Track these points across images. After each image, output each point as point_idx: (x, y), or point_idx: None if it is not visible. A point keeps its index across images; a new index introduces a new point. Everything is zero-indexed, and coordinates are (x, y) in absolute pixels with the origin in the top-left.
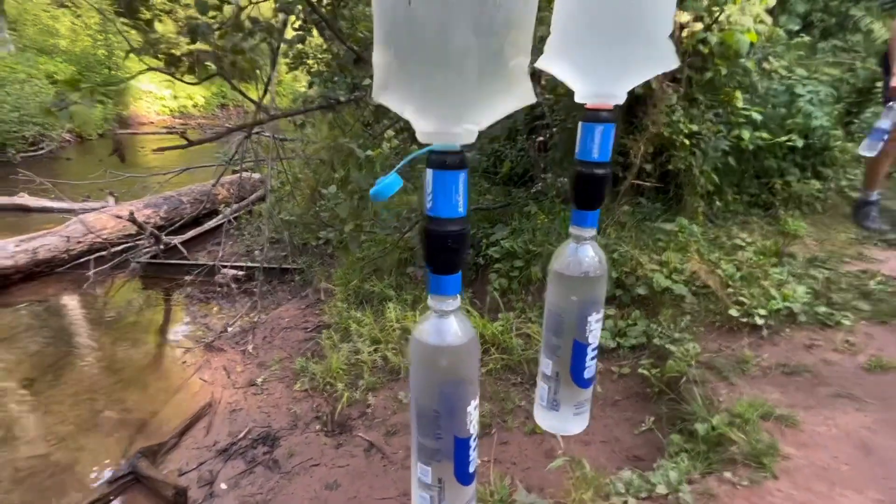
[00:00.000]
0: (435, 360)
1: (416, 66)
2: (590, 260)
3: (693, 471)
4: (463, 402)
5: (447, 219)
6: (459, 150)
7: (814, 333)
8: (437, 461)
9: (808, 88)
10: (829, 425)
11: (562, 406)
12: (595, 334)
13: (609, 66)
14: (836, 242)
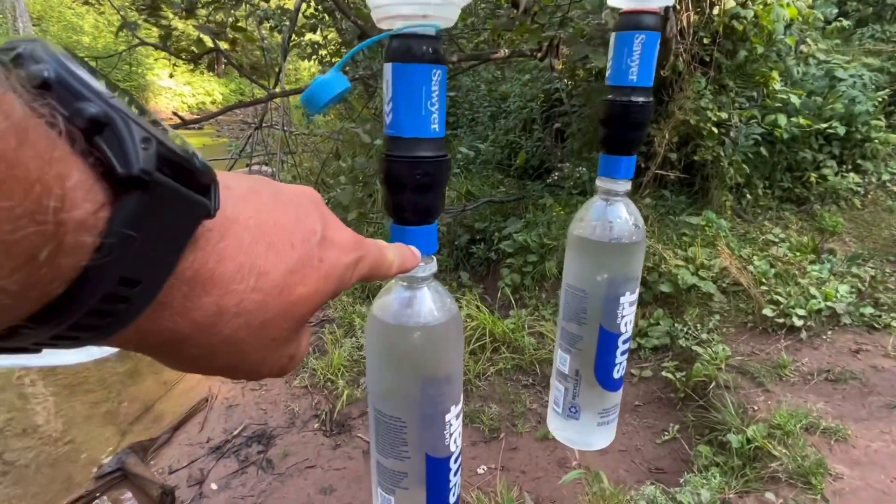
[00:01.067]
0: (401, 347)
1: None
2: (622, 222)
3: (727, 489)
4: (440, 406)
5: (416, 139)
6: (433, 34)
7: (860, 337)
8: (403, 488)
9: (850, 72)
10: (886, 440)
11: (583, 413)
12: (628, 321)
13: None
14: (879, 240)
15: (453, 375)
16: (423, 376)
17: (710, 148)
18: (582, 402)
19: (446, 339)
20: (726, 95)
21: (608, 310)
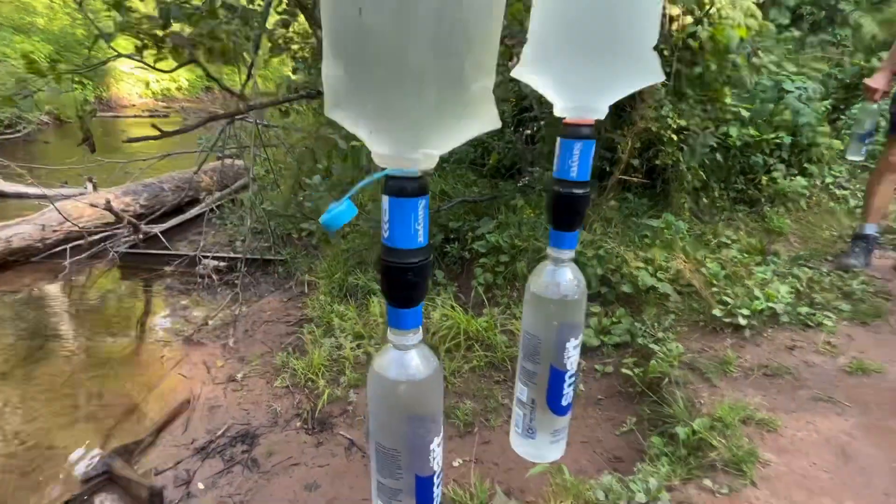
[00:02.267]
0: (395, 396)
1: (368, 85)
2: (568, 283)
3: (673, 477)
4: (425, 439)
5: (406, 250)
6: (418, 175)
7: (796, 334)
8: (398, 501)
9: (796, 85)
10: (810, 430)
11: (538, 434)
12: (573, 361)
13: (590, 79)
14: (820, 241)
15: (436, 415)
16: (412, 417)
17: (670, 153)
18: (537, 425)
19: (430, 389)
20: (686, 103)
21: (557, 352)
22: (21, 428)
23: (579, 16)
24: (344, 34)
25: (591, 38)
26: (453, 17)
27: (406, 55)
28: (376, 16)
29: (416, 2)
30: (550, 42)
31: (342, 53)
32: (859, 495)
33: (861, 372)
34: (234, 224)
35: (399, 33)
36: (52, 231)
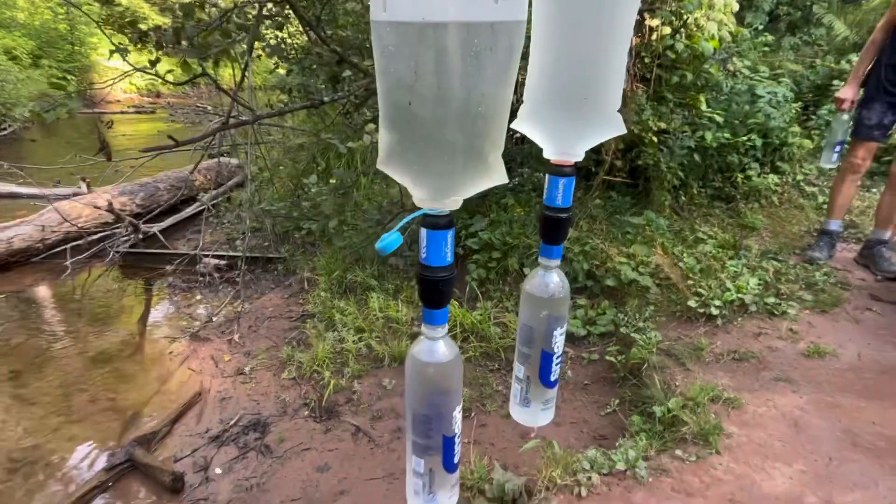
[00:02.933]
0: (427, 375)
1: (413, 152)
2: (555, 285)
3: (650, 449)
4: (449, 407)
5: (438, 267)
6: (448, 213)
7: (763, 322)
8: (428, 455)
9: (767, 90)
10: (769, 406)
11: (532, 403)
12: (559, 344)
13: (569, 132)
14: (790, 235)
15: (457, 389)
16: (440, 391)
17: (651, 154)
18: (531, 396)
19: (453, 369)
20: (666, 106)
21: (547, 338)
22: (41, 422)
23: (562, 86)
24: (396, 115)
25: (571, 103)
26: (475, 113)
27: (442, 135)
28: (421, 107)
29: (448, 101)
30: (541, 104)
31: (395, 128)
32: (806, 459)
33: (817, 355)
34: (232, 222)
35: (436, 121)
36: (51, 232)
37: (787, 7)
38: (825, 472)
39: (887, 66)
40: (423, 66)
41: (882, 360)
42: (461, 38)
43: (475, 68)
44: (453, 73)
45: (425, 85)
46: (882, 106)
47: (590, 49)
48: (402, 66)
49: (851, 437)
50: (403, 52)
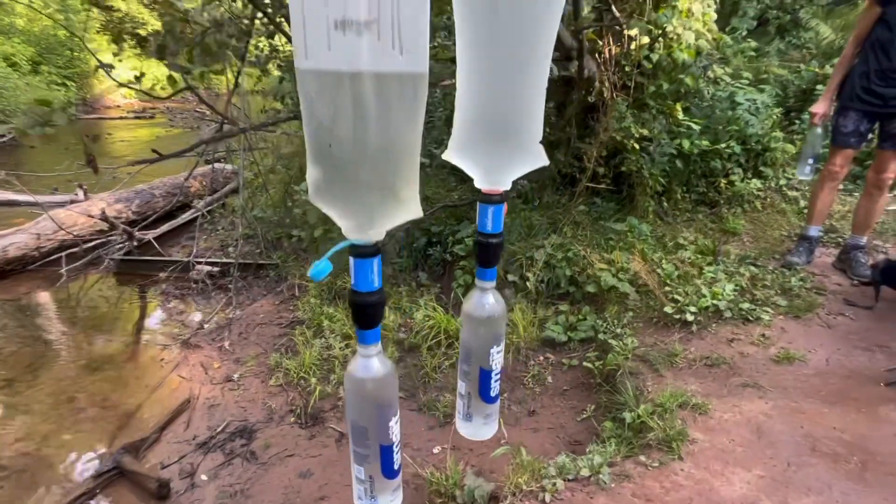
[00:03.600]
0: (363, 389)
1: (336, 188)
2: (491, 305)
3: (617, 455)
4: (385, 419)
5: (366, 292)
6: (372, 244)
7: (737, 328)
8: (368, 463)
9: (746, 97)
10: (735, 412)
11: (474, 417)
12: (497, 362)
13: (496, 163)
14: (770, 240)
15: (392, 401)
16: (375, 403)
17: (633, 161)
18: (473, 411)
19: (387, 383)
20: (648, 112)
21: (484, 356)
22: (32, 429)
23: (484, 121)
24: (319, 155)
25: (495, 136)
26: (387, 155)
27: (359, 175)
28: (340, 149)
29: (363, 144)
30: (466, 138)
31: (319, 166)
32: (766, 465)
33: (787, 361)
34: (226, 229)
35: (353, 162)
36: (47, 239)
37: (777, 11)
38: (782, 478)
39: (859, 75)
40: (340, 112)
41: (849, 365)
42: (373, 86)
43: (385, 115)
44: (367, 119)
45: (343, 129)
46: (856, 114)
47: (507, 87)
48: (322, 110)
49: (811, 443)
50: (323, 98)
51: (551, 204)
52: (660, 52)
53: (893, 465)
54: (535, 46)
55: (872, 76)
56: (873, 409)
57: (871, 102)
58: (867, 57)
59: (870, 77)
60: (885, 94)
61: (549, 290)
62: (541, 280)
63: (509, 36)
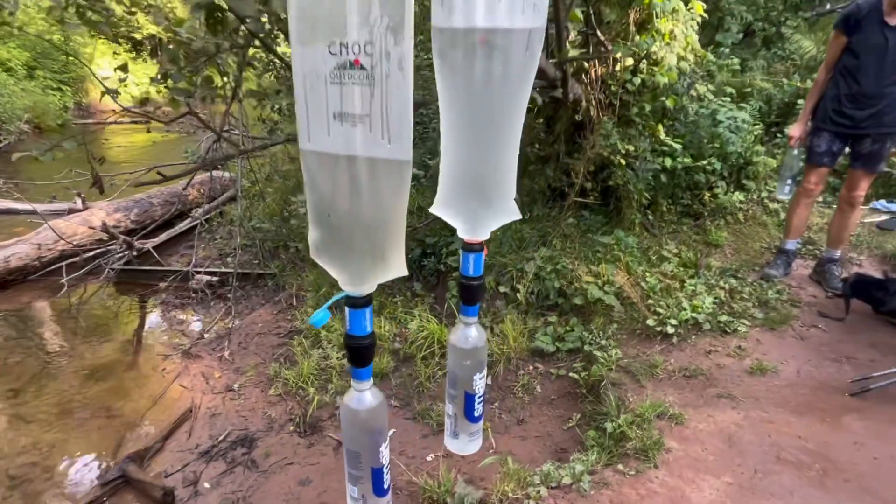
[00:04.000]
0: (356, 419)
1: (334, 249)
2: (473, 338)
3: (597, 463)
4: (376, 444)
5: (359, 336)
6: (364, 295)
7: (715, 340)
8: (360, 483)
9: (728, 115)
10: (709, 422)
11: (460, 435)
12: (480, 386)
13: (472, 218)
14: (751, 252)
15: (383, 429)
16: (368, 431)
17: (620, 175)
18: (459, 430)
19: (378, 414)
20: (634, 128)
21: (468, 382)
22: (39, 438)
23: (464, 183)
24: (320, 221)
25: (474, 195)
26: (377, 228)
27: (353, 240)
28: (337, 218)
29: (356, 216)
30: (451, 195)
31: (319, 230)
32: (734, 472)
33: (760, 372)
34: (223, 238)
35: (349, 230)
36: (47, 249)
37: (763, 23)
38: (749, 484)
39: (831, 99)
40: (337, 187)
41: (818, 376)
42: (365, 168)
43: (375, 192)
44: (360, 194)
45: (339, 201)
46: (829, 135)
47: (484, 155)
48: (321, 185)
49: (777, 451)
50: (323, 175)
51: (541, 217)
52: (643, 74)
53: (851, 472)
54: (507, 120)
55: (843, 100)
56: (837, 419)
57: (843, 124)
58: (837, 82)
59: (841, 101)
60: (855, 116)
61: (538, 302)
62: (531, 291)
63: (484, 113)
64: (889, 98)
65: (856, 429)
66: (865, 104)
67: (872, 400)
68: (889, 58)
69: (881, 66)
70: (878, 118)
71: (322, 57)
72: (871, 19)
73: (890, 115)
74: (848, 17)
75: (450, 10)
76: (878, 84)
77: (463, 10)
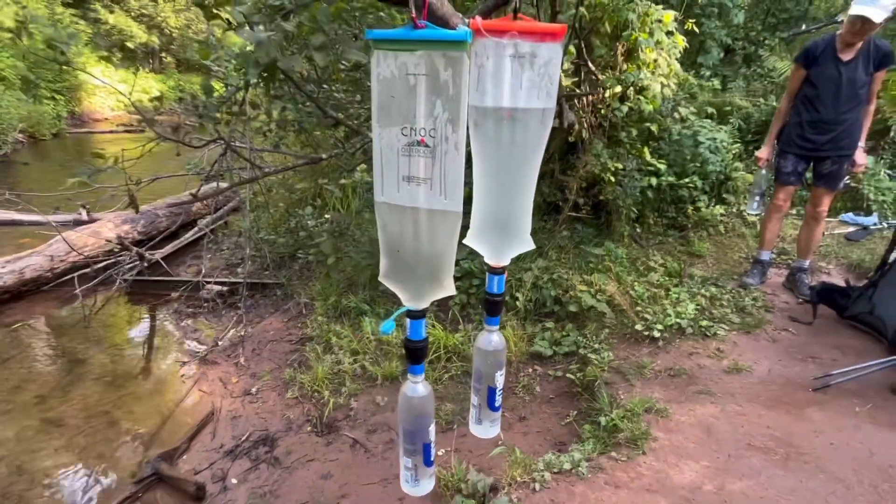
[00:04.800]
0: (412, 404)
1: (401, 275)
2: (495, 343)
3: (593, 452)
4: (426, 424)
5: (417, 340)
6: (422, 309)
7: (696, 343)
8: (414, 455)
9: (708, 136)
10: (690, 415)
11: (483, 422)
12: (500, 382)
13: (496, 247)
14: (731, 261)
15: (432, 413)
16: (420, 414)
17: (610, 191)
18: (482, 417)
19: (429, 401)
20: (623, 148)
21: (490, 377)
22: (70, 441)
23: (490, 220)
24: (390, 254)
25: (499, 229)
26: (434, 260)
27: (416, 269)
28: (404, 253)
29: (419, 252)
30: (480, 229)
31: (390, 260)
32: (710, 457)
33: (736, 371)
34: (230, 248)
35: (412, 261)
36: (59, 261)
37: (742, 42)
38: (723, 467)
39: (794, 125)
40: (404, 230)
41: (787, 374)
42: (426, 217)
43: (434, 234)
44: (421, 236)
45: (406, 241)
46: (794, 157)
47: (507, 197)
48: (392, 228)
49: (749, 439)
50: (393, 221)
51: (538, 230)
52: (630, 102)
53: (811, 455)
54: (525, 173)
55: (805, 126)
56: (801, 410)
57: (806, 147)
58: (799, 110)
59: (803, 126)
60: (816, 140)
61: (536, 309)
62: (529, 300)
63: (507, 168)
64: (846, 124)
65: (816, 419)
66: (825, 130)
67: (832, 394)
68: (843, 89)
69: (837, 95)
70: (836, 142)
71: (396, 136)
72: (826, 55)
73: (846, 140)
74: (807, 51)
75: (482, 93)
76: (835, 112)
77: (493, 94)
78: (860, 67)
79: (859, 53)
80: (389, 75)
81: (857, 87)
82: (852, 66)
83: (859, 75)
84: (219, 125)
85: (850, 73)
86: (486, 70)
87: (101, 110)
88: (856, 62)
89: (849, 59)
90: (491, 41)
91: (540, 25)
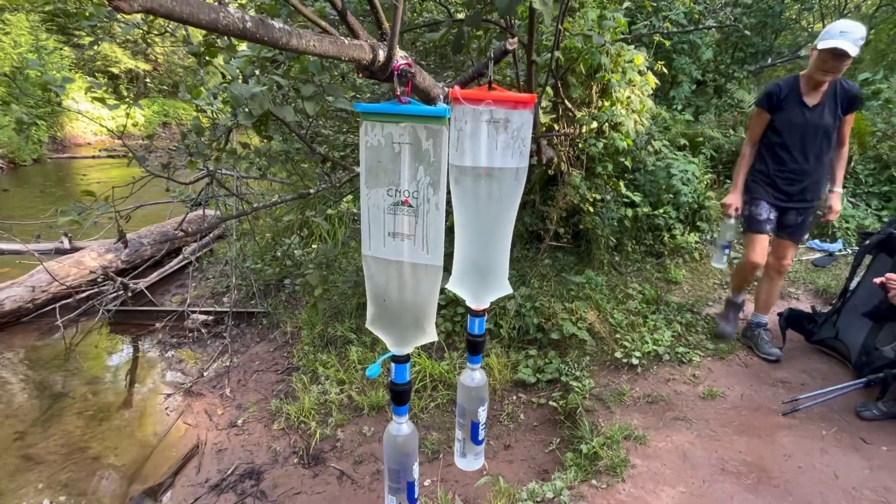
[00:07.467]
0: (396, 444)
1: (386, 323)
2: (478, 380)
3: (575, 480)
4: (411, 463)
5: (401, 383)
6: (406, 354)
7: (673, 369)
8: (399, 493)
9: (680, 168)
10: (667, 441)
11: (467, 455)
12: (483, 416)
13: (478, 291)
14: (705, 288)
15: (415, 452)
16: (405, 454)
17: (589, 220)
18: (466, 450)
19: (412, 440)
20: (600, 178)
21: (473, 413)
22: (52, 479)
23: (472, 266)
24: (376, 303)
25: (478, 275)
26: (417, 309)
27: (400, 317)
28: (389, 303)
29: (402, 302)
30: (461, 275)
31: (375, 307)
32: (686, 483)
33: (710, 397)
34: (215, 277)
35: (397, 310)
36: (41, 291)
37: (713, 74)
38: (698, 492)
39: (762, 173)
40: (389, 282)
41: (758, 399)
42: (410, 270)
43: (416, 285)
44: (405, 287)
45: (391, 291)
46: (767, 205)
47: (485, 246)
48: (378, 280)
49: (722, 464)
50: (379, 273)
51: (520, 258)
52: (605, 139)
53: (780, 479)
54: (501, 224)
55: (775, 175)
56: (771, 435)
57: (779, 197)
58: (764, 158)
59: (771, 176)
60: (789, 191)
61: (520, 336)
62: (513, 327)
63: (485, 220)
64: (814, 174)
65: (786, 443)
66: (794, 180)
67: (800, 418)
68: (809, 137)
69: (803, 143)
70: (803, 193)
71: (383, 196)
72: (791, 99)
73: (812, 192)
74: (770, 95)
75: (462, 153)
76: (803, 160)
77: (471, 154)
78: (826, 112)
79: (825, 97)
80: (377, 143)
81: (825, 134)
82: (818, 111)
83: (826, 121)
84: (209, 161)
85: (815, 118)
86: (465, 133)
87: (84, 135)
88: (822, 107)
89: (815, 103)
90: (469, 108)
91: (512, 95)
